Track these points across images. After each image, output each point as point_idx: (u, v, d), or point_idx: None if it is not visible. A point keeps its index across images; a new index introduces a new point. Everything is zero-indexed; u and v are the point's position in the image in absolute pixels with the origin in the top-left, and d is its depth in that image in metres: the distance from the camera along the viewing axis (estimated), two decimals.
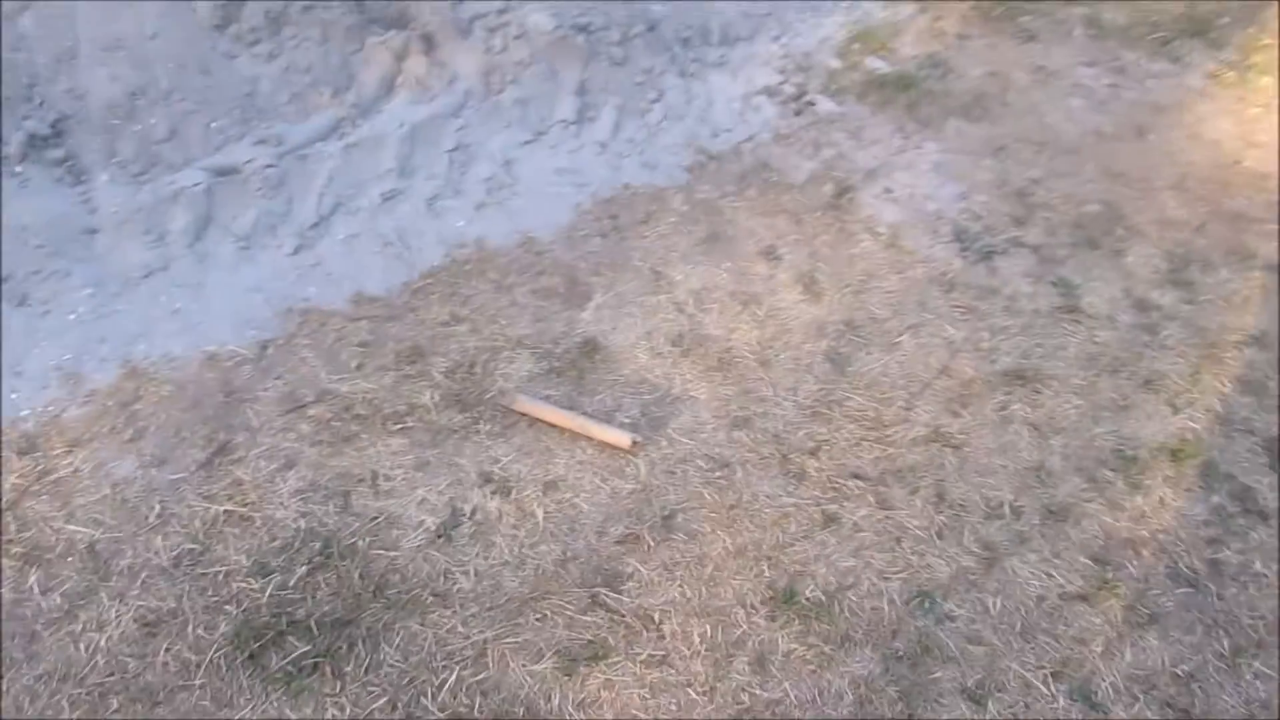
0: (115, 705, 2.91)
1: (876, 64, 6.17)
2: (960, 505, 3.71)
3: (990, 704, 3.16)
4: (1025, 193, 5.23)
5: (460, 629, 3.20)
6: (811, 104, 5.77)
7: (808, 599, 3.38)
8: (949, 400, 4.09)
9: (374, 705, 2.98)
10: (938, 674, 3.22)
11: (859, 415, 4.00)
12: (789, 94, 5.86)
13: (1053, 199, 5.20)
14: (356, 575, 3.29)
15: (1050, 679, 3.23)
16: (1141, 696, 3.21)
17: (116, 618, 3.10)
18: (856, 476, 3.78)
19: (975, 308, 4.51)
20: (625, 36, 5.60)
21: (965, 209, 5.11)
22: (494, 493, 3.59)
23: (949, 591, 3.45)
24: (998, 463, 3.88)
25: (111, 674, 2.98)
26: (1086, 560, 3.57)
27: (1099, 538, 3.65)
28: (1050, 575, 3.52)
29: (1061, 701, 3.18)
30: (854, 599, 3.40)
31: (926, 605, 3.39)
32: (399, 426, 3.76)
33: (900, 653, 3.26)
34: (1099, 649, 3.32)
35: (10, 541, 3.24)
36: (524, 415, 3.85)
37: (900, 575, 3.48)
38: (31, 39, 4.36)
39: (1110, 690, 3.22)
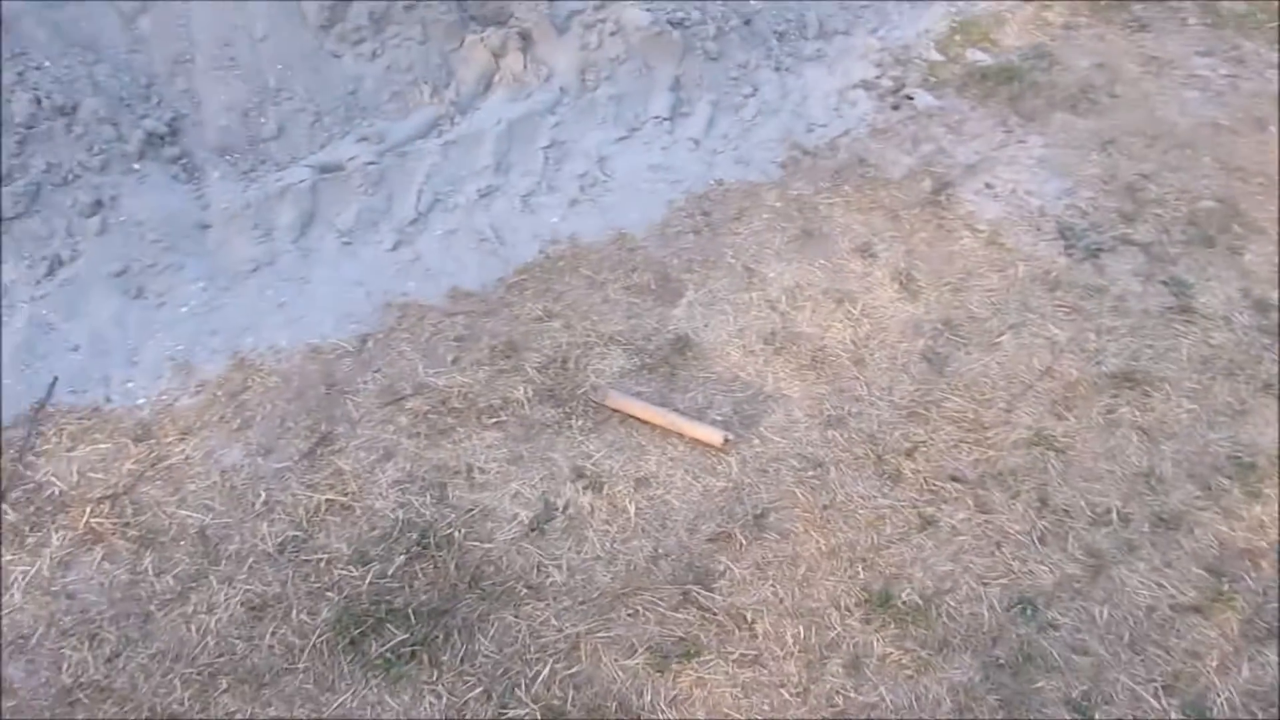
0: (224, 686, 3.02)
1: (978, 56, 6.01)
2: (1064, 511, 3.60)
3: (1097, 716, 3.05)
4: (1135, 188, 5.04)
5: (553, 622, 3.22)
6: (910, 98, 5.66)
7: (904, 602, 3.31)
8: (1052, 402, 3.97)
9: (469, 695, 3.03)
10: (1041, 684, 3.12)
11: (957, 416, 3.91)
12: (886, 88, 5.75)
13: (1165, 194, 5.00)
14: (452, 566, 3.34)
15: (1161, 692, 3.10)
16: (1259, 714, 3.06)
17: (225, 601, 3.21)
18: (954, 479, 3.70)
19: (1080, 307, 4.37)
20: (720, 31, 5.57)
21: (1071, 205, 4.94)
22: (586, 488, 3.61)
23: (1052, 599, 3.34)
24: (1104, 468, 3.75)
25: (220, 655, 3.08)
26: (1200, 571, 3.43)
27: (1213, 548, 3.50)
28: (1161, 585, 3.39)
29: (1173, 716, 3.06)
30: (952, 604, 3.32)
31: (1028, 612, 3.30)
32: (493, 420, 3.80)
33: (1001, 660, 3.17)
34: (1214, 663, 3.18)
35: (127, 525, 3.38)
36: (616, 411, 3.86)
37: (1000, 581, 3.39)
38: (150, 41, 4.54)
39: (1225, 706, 3.08)
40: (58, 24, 4.35)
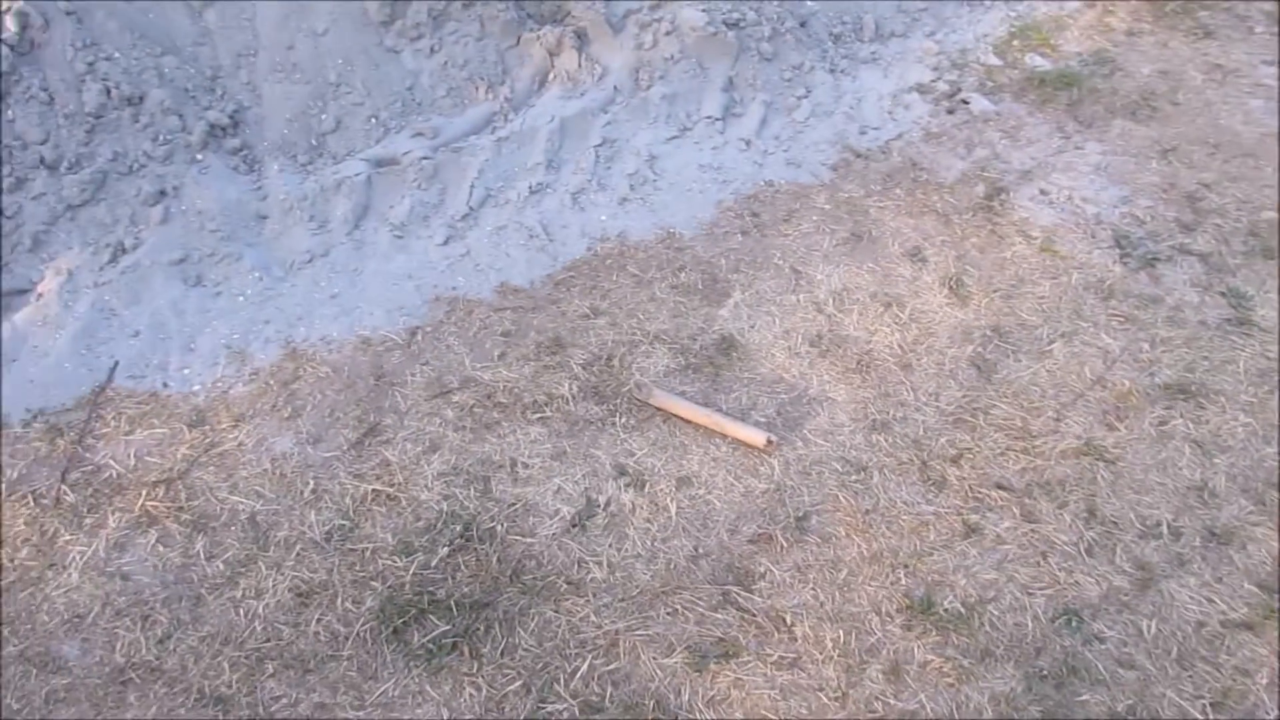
0: (270, 670, 3.08)
1: (1037, 61, 5.93)
2: (1113, 522, 3.55)
3: None
4: (1195, 197, 4.95)
5: (593, 618, 3.25)
6: (965, 102, 5.60)
7: (946, 610, 3.29)
8: (1103, 412, 3.91)
9: (509, 688, 3.06)
10: (1085, 696, 3.08)
11: (1005, 424, 3.87)
12: (942, 91, 5.69)
13: (1225, 204, 4.90)
14: (494, 559, 3.38)
15: (1209, 709, 3.05)
16: None
17: (273, 587, 3.28)
18: (1001, 487, 3.66)
19: (1135, 317, 4.29)
20: (776, 32, 5.55)
21: (1128, 213, 4.86)
22: (628, 485, 3.63)
23: (1098, 611, 3.30)
24: (1155, 480, 3.69)
25: (267, 640, 3.15)
26: (1252, 587, 3.36)
27: (1266, 564, 3.42)
28: (1211, 600, 3.32)
29: None
30: (995, 613, 3.29)
31: (1073, 624, 3.26)
32: (538, 416, 3.83)
33: (1044, 672, 3.14)
34: (1264, 681, 3.12)
35: (180, 509, 3.46)
36: (660, 410, 3.87)
37: (1045, 591, 3.35)
38: (216, 34, 4.64)
39: None
40: (129, 16, 4.46)
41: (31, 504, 3.43)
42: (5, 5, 4.13)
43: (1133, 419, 3.89)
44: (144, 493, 3.48)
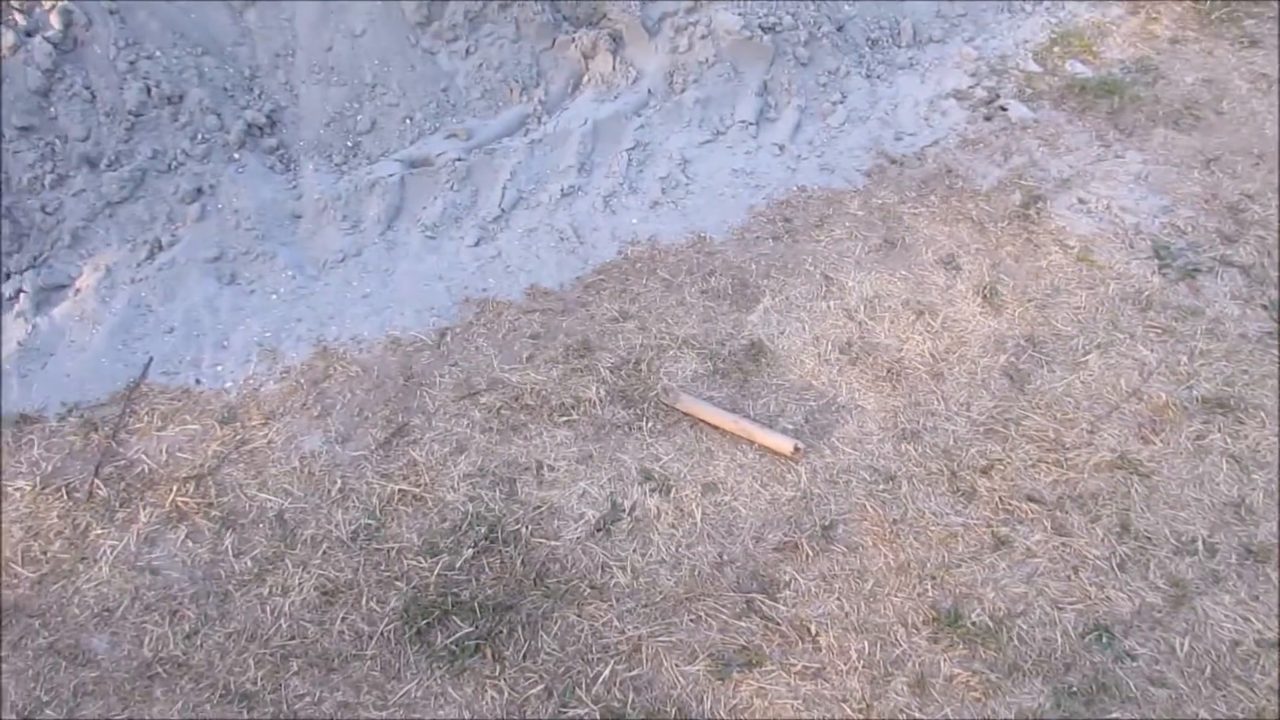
0: (295, 668, 3.10)
1: (1078, 68, 5.85)
2: (1146, 537, 3.48)
3: None
4: (1238, 208, 4.85)
5: (616, 623, 3.24)
6: (1003, 109, 5.53)
7: (974, 623, 3.24)
8: (1138, 425, 3.84)
9: (530, 691, 3.06)
10: (1115, 714, 3.03)
11: (1037, 435, 3.81)
12: (980, 98, 5.64)
13: (1269, 216, 4.80)
14: (519, 562, 3.38)
15: None
16: None
17: (299, 585, 3.30)
18: (1032, 499, 3.61)
19: (1173, 329, 4.22)
20: (812, 36, 5.52)
21: (1168, 224, 4.78)
22: (653, 490, 3.62)
23: (1130, 628, 3.24)
24: (1191, 495, 3.62)
25: (293, 637, 3.17)
26: None
27: None
28: (1247, 619, 3.25)
29: None
30: (1024, 627, 3.24)
31: (1104, 640, 3.20)
32: (565, 419, 3.83)
33: (1074, 688, 3.09)
34: None
35: (210, 505, 3.50)
36: (686, 415, 3.86)
37: (1076, 606, 3.30)
38: (255, 34, 4.69)
39: None
40: (170, 16, 4.51)
41: (65, 498, 3.48)
42: (49, 4, 4.20)
43: (1169, 433, 3.82)
44: (175, 488, 3.52)
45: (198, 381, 3.91)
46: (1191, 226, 4.76)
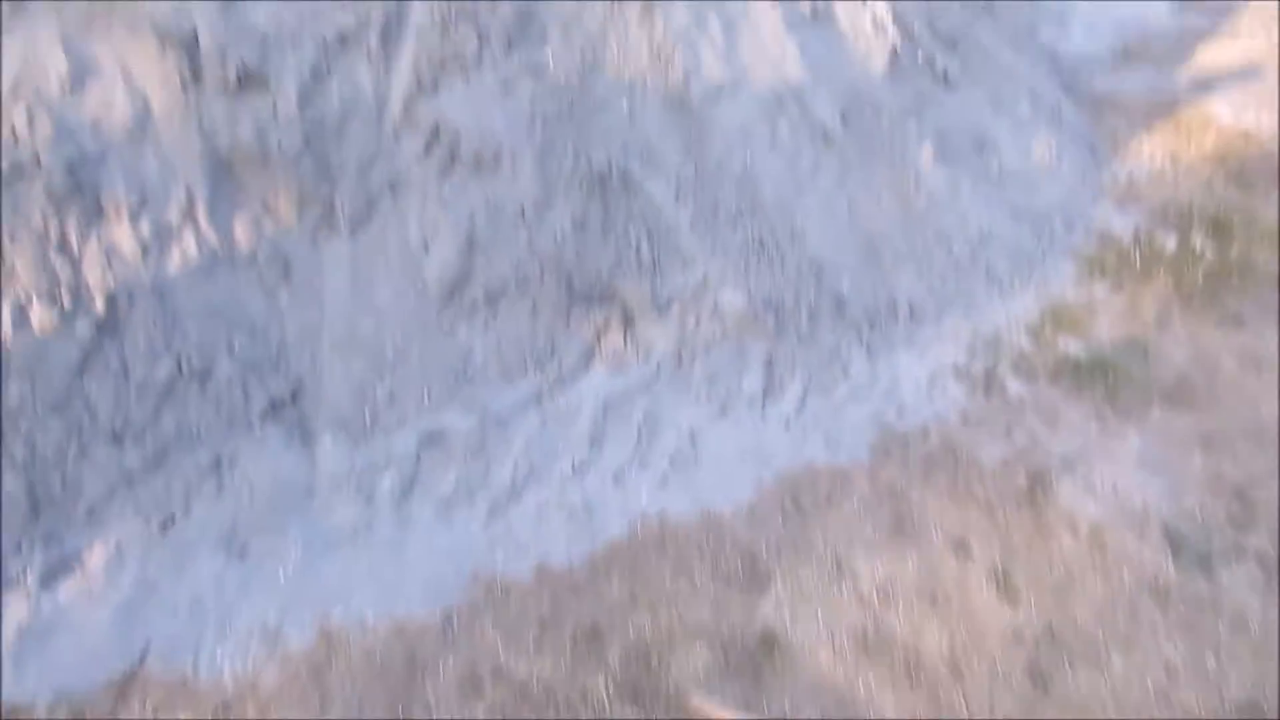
0: None
1: (1070, 346, 6.06)
2: None
3: None
4: (1243, 492, 4.89)
5: None
6: (1001, 387, 5.68)
7: None
8: None
9: None
10: None
11: None
12: (977, 374, 5.80)
13: (1276, 501, 4.83)
14: None
15: None
16: None
17: None
18: None
19: (1195, 624, 4.15)
20: (813, 314, 5.75)
21: (1176, 507, 4.80)
22: None
23: None
24: None
25: None
26: None
27: None
28: None
29: None
30: None
31: None
32: (572, 717, 3.69)
33: None
34: None
35: None
36: (699, 718, 3.72)
37: None
38: (285, 312, 4.87)
39: None
40: (207, 294, 4.71)
41: None
42: (95, 289, 4.39)
43: None
44: None
45: (195, 670, 3.80)
46: (1200, 510, 4.77)
